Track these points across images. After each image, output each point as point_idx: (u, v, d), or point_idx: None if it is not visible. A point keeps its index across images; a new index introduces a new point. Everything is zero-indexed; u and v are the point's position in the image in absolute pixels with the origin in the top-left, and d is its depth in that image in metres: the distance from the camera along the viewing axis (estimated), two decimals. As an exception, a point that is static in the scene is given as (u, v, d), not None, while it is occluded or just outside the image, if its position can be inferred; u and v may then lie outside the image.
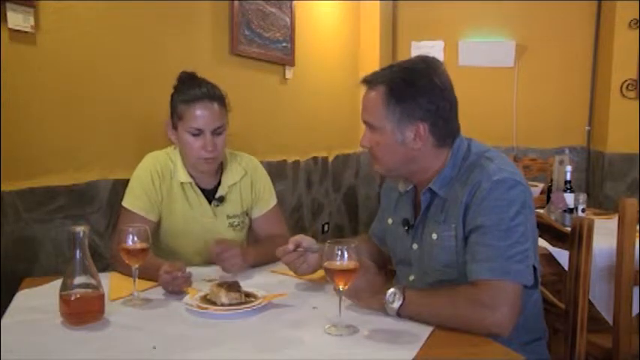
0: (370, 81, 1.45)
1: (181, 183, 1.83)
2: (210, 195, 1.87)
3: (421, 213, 1.47)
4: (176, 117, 1.78)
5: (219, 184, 1.88)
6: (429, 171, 1.45)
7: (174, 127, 1.80)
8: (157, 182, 1.81)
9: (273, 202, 1.99)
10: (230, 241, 1.49)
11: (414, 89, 1.39)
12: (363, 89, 1.48)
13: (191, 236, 1.85)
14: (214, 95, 1.78)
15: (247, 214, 1.94)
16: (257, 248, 1.83)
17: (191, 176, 1.84)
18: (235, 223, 1.90)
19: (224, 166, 1.90)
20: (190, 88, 1.76)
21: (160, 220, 1.83)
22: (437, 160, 1.44)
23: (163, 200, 1.82)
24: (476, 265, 1.31)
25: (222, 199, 1.87)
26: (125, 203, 1.80)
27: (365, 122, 1.46)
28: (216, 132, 1.77)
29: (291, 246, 1.57)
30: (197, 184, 1.85)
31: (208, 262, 1.76)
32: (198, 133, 1.75)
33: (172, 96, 1.80)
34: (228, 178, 1.89)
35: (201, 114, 1.74)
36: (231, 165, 1.91)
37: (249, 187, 1.93)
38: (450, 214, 1.40)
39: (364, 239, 1.78)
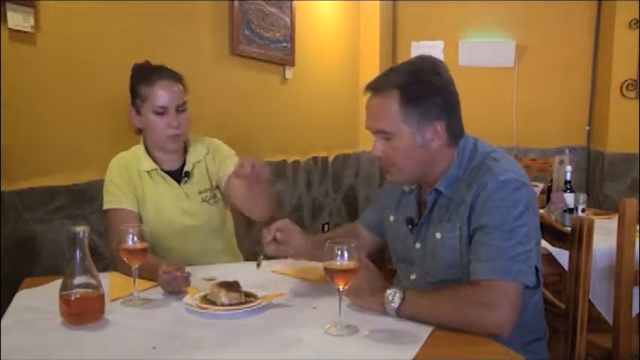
0: (378, 87, 1.40)
1: (147, 172, 1.87)
2: (176, 176, 1.90)
3: (426, 212, 1.46)
4: (139, 100, 1.83)
5: (183, 164, 1.91)
6: (436, 171, 1.44)
7: (138, 112, 1.84)
8: (124, 174, 1.85)
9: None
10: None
11: (429, 89, 1.37)
12: (366, 95, 1.42)
13: (167, 223, 1.86)
14: (174, 74, 1.86)
15: (218, 188, 1.95)
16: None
17: (155, 162, 1.87)
18: (208, 197, 1.92)
19: (187, 147, 1.94)
20: (149, 72, 1.84)
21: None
22: (446, 160, 1.43)
23: (136, 189, 1.86)
24: (478, 264, 1.31)
25: (188, 175, 1.90)
26: (106, 205, 1.83)
27: (376, 131, 1.40)
28: (179, 109, 1.83)
29: (269, 237, 1.51)
30: (162, 169, 1.88)
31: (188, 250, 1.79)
32: (162, 111, 1.81)
33: (131, 83, 1.85)
34: (192, 156, 1.92)
35: (164, 92, 1.81)
36: (194, 145, 1.95)
37: (212, 160, 1.96)
38: (455, 213, 1.39)
39: (349, 230, 1.72)
